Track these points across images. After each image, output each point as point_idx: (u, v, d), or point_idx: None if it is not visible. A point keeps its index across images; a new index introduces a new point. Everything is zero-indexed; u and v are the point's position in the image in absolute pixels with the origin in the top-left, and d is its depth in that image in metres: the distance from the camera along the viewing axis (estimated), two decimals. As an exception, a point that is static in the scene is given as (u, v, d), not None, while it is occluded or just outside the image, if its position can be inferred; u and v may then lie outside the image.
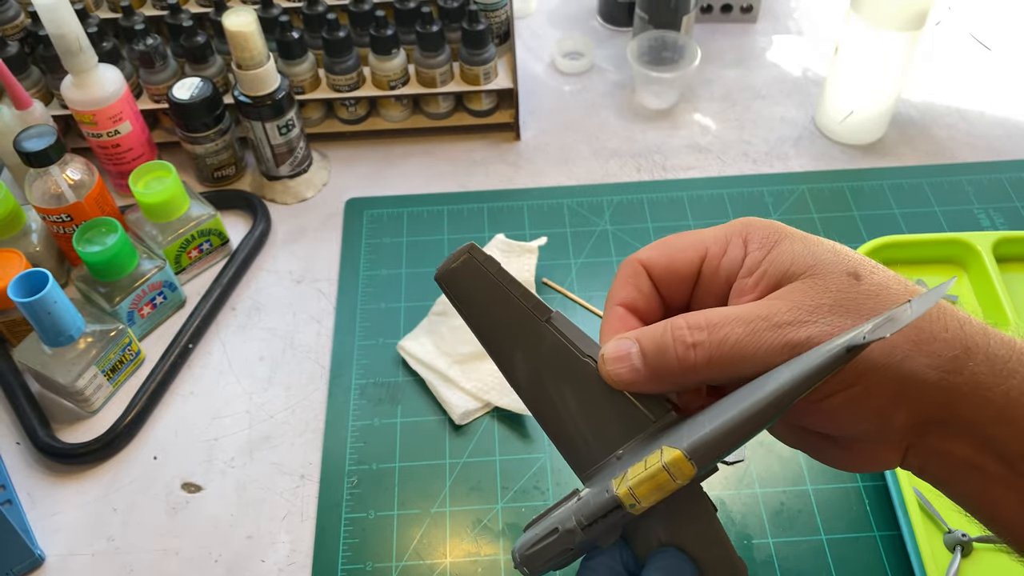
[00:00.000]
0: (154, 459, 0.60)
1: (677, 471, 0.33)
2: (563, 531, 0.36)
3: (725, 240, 0.37)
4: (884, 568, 0.52)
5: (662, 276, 0.38)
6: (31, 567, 0.55)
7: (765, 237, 0.36)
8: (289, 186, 0.76)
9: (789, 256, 0.34)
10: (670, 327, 0.34)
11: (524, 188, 0.77)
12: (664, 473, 0.34)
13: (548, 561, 0.37)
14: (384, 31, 0.75)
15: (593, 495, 0.36)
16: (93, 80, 0.67)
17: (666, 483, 0.34)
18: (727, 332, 0.33)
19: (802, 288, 0.33)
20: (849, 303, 0.32)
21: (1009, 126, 0.81)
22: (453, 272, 0.40)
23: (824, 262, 0.34)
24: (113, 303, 0.63)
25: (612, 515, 0.35)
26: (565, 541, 0.36)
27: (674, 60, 0.83)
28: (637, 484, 0.34)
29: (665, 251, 0.38)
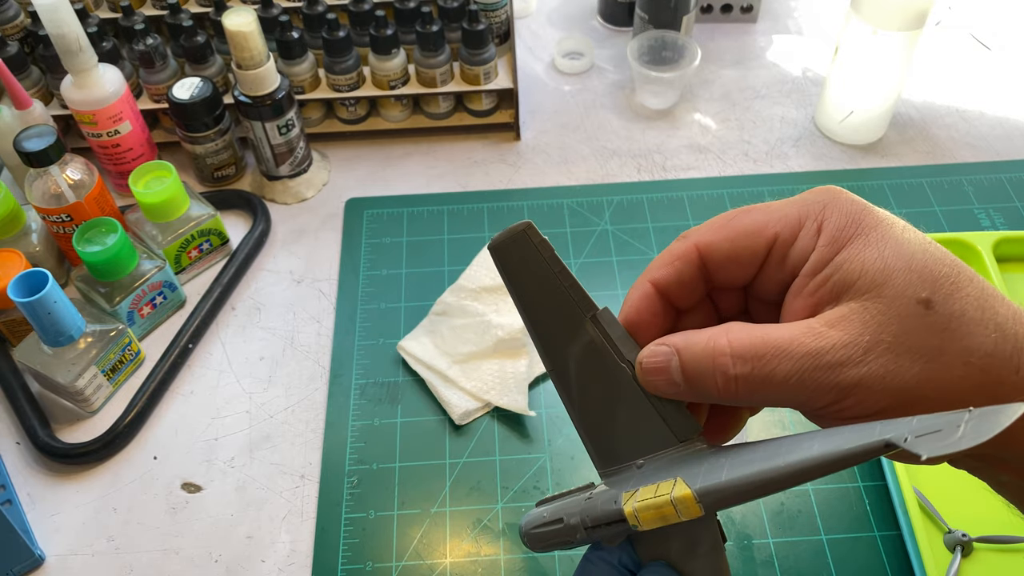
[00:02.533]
0: (154, 459, 0.60)
1: (683, 508, 0.32)
2: (567, 525, 0.37)
3: (798, 223, 0.32)
4: (884, 568, 0.52)
5: (722, 264, 0.33)
6: (31, 567, 0.55)
7: (842, 228, 0.31)
8: (289, 186, 0.76)
9: (859, 264, 0.30)
10: (714, 352, 0.30)
11: (524, 188, 0.77)
12: (670, 507, 0.33)
13: (550, 545, 0.38)
14: (384, 31, 0.75)
15: (603, 499, 0.36)
16: (93, 80, 0.67)
17: (670, 515, 0.33)
18: (773, 368, 0.29)
19: (862, 314, 0.29)
20: (913, 340, 0.28)
21: (1009, 126, 0.81)
22: (506, 245, 0.38)
23: (894, 280, 0.29)
24: (113, 303, 0.63)
25: (616, 526, 0.35)
26: (568, 534, 0.37)
27: (674, 60, 0.83)
28: (643, 508, 0.33)
29: (728, 235, 0.33)
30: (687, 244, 0.33)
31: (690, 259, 0.33)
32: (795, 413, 0.37)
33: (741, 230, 0.32)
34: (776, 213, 0.32)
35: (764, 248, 0.32)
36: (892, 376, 0.28)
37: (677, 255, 0.33)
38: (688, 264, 0.33)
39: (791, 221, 0.32)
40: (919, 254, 0.29)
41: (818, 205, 0.31)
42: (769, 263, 0.32)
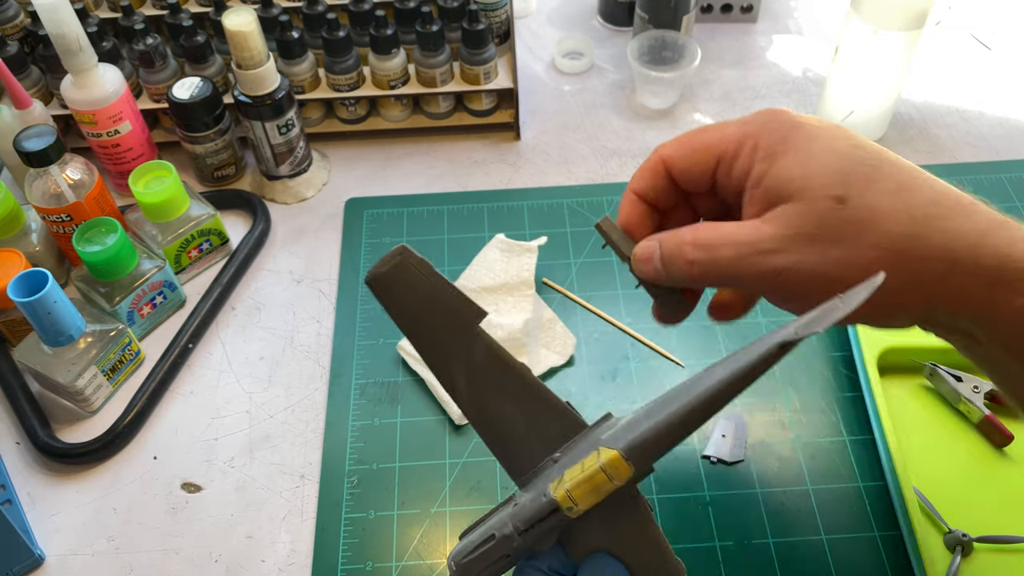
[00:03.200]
0: (154, 459, 0.60)
1: (614, 472, 0.33)
2: (500, 537, 0.36)
3: (738, 144, 0.38)
4: (884, 568, 0.52)
5: (680, 174, 0.40)
6: (31, 567, 0.55)
7: (772, 145, 0.37)
8: (289, 186, 0.76)
9: (786, 174, 0.36)
10: (680, 242, 0.38)
11: (524, 188, 0.77)
12: (601, 474, 0.33)
13: (485, 569, 0.37)
14: (384, 31, 0.75)
15: (530, 500, 0.36)
16: (93, 80, 0.67)
17: (603, 484, 0.34)
18: (719, 255, 0.36)
19: (787, 212, 0.35)
20: (829, 231, 0.34)
21: (1009, 126, 0.81)
22: (387, 274, 0.38)
23: (812, 183, 0.35)
24: (113, 303, 0.63)
25: (550, 519, 0.35)
26: (502, 548, 0.36)
27: (674, 60, 0.83)
28: (574, 486, 0.34)
29: (685, 152, 0.40)
30: (656, 158, 0.41)
31: (658, 170, 0.41)
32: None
33: (695, 146, 0.40)
34: (723, 132, 0.39)
35: (712, 162, 0.39)
36: (813, 262, 0.34)
37: (649, 167, 0.41)
38: (657, 175, 0.41)
39: (733, 140, 0.38)
40: (837, 159, 0.35)
41: (756, 125, 0.38)
42: (719, 175, 0.39)
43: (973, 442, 0.57)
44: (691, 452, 0.58)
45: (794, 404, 0.61)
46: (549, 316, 0.66)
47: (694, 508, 0.55)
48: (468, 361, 0.38)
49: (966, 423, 0.58)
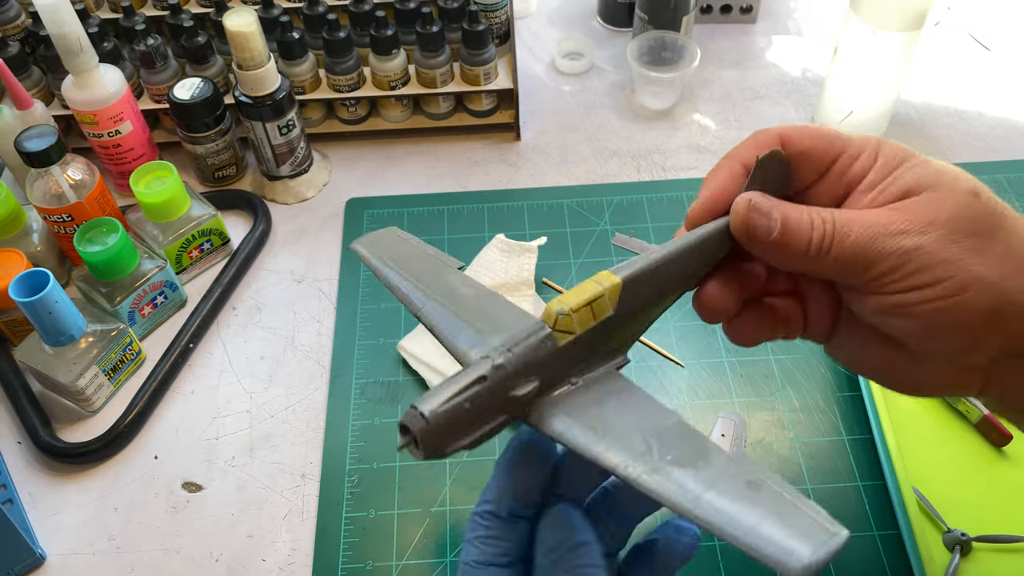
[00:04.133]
0: (155, 458, 0.60)
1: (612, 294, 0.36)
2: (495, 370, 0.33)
3: (861, 146, 0.38)
4: (883, 567, 0.52)
5: (800, 153, 0.39)
6: (32, 566, 0.55)
7: (893, 156, 0.37)
8: (290, 186, 0.77)
9: (913, 175, 0.36)
10: (809, 210, 0.36)
11: (524, 188, 0.77)
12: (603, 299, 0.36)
13: (463, 427, 0.33)
14: (384, 31, 0.75)
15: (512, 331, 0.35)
16: (94, 80, 0.68)
17: (600, 308, 0.36)
18: (849, 230, 0.35)
19: (921, 202, 0.35)
20: (967, 218, 0.34)
21: (1008, 126, 0.81)
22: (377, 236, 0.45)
23: (946, 180, 0.35)
24: (114, 303, 0.64)
25: (535, 337, 0.35)
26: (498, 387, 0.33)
27: (674, 60, 0.83)
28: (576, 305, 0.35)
29: (808, 135, 0.39)
30: (771, 133, 0.39)
31: (775, 145, 0.39)
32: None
33: (820, 134, 0.39)
34: (847, 135, 0.39)
35: (834, 154, 0.38)
36: (947, 247, 0.34)
37: (763, 140, 0.39)
38: (769, 148, 0.38)
39: (855, 144, 0.38)
40: (958, 170, 0.36)
41: (874, 140, 0.38)
42: (833, 171, 0.38)
43: (972, 441, 0.57)
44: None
45: (793, 403, 0.61)
46: (549, 316, 0.66)
47: (694, 507, 0.56)
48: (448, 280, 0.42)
49: (965, 422, 0.58)
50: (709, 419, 0.60)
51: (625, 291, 0.36)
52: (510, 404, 0.34)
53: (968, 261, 0.34)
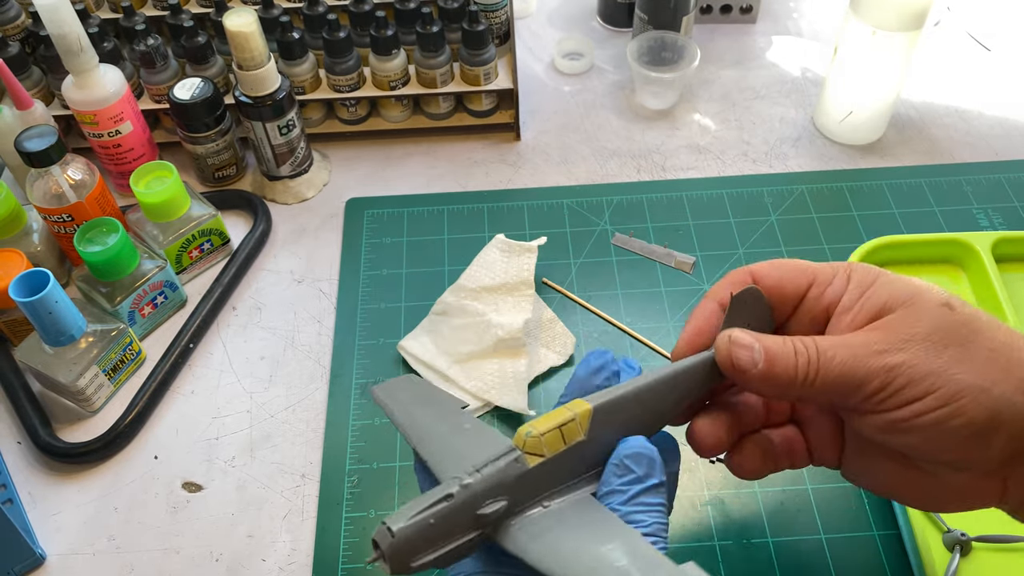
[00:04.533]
0: (155, 458, 0.60)
1: (582, 419, 0.37)
2: (460, 488, 0.35)
3: (832, 272, 0.40)
4: (883, 567, 0.53)
5: (771, 288, 0.41)
6: (32, 566, 0.55)
7: (865, 276, 0.39)
8: (290, 186, 0.77)
9: (886, 291, 0.38)
10: (791, 341, 0.38)
11: (524, 188, 0.77)
12: (573, 421, 0.37)
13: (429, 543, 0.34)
14: (384, 31, 0.75)
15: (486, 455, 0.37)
16: (94, 80, 0.68)
17: (570, 432, 0.37)
18: (833, 353, 0.36)
19: (898, 319, 0.37)
20: (944, 330, 0.36)
21: (1008, 126, 0.81)
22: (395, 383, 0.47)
23: (919, 295, 0.37)
24: (114, 303, 0.64)
25: (504, 459, 0.36)
26: (463, 511, 0.35)
27: (674, 60, 0.83)
28: (545, 429, 0.37)
29: (776, 270, 0.41)
30: (743, 271, 0.42)
31: (746, 282, 0.41)
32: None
33: (788, 267, 0.41)
34: (815, 263, 0.41)
35: (806, 284, 0.41)
36: (931, 359, 0.35)
37: (736, 280, 0.42)
38: (743, 286, 0.41)
39: (826, 270, 0.40)
40: (928, 284, 0.38)
41: (843, 265, 0.40)
42: (808, 300, 0.41)
43: (972, 441, 0.57)
44: (691, 452, 0.58)
45: (793, 404, 0.61)
46: (549, 316, 0.66)
47: (693, 508, 0.56)
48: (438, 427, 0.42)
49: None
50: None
51: (596, 417, 0.38)
52: (477, 522, 0.35)
53: (954, 371, 0.35)
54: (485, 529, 0.36)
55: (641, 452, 0.38)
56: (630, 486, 0.37)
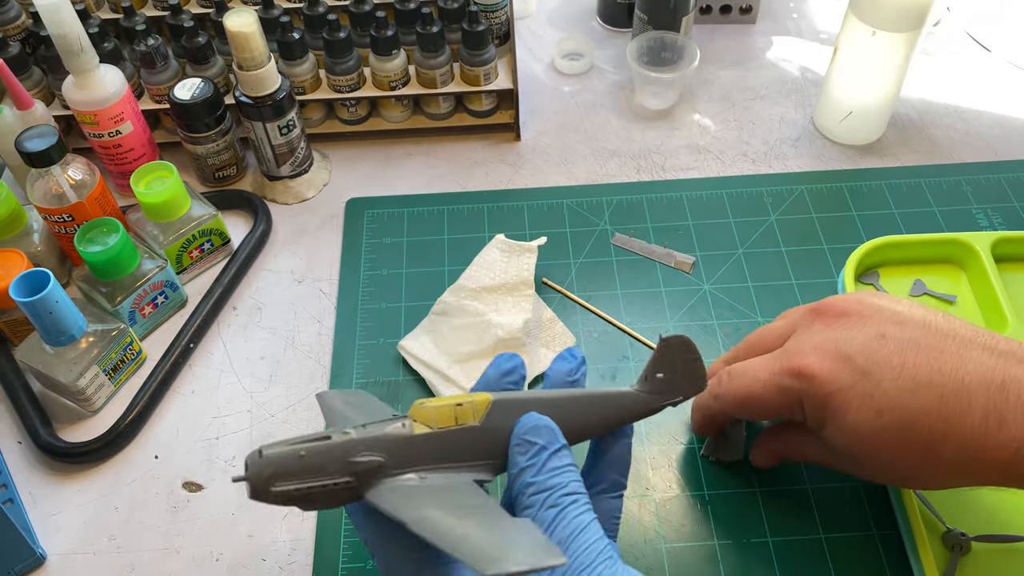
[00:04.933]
0: (155, 458, 0.61)
1: (478, 406, 0.38)
2: (340, 433, 0.37)
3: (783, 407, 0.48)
4: (883, 567, 0.53)
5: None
6: (32, 566, 0.55)
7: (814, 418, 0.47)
8: (290, 186, 0.77)
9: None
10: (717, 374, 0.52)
11: (524, 188, 0.77)
12: (468, 404, 0.38)
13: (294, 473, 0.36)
14: (384, 32, 0.75)
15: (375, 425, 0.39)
16: (94, 80, 0.68)
17: (463, 412, 0.38)
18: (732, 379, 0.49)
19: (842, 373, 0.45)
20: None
21: (1007, 126, 0.81)
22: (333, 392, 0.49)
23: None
24: (114, 303, 0.64)
25: (389, 423, 0.38)
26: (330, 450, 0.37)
27: (673, 61, 0.83)
28: (437, 403, 0.38)
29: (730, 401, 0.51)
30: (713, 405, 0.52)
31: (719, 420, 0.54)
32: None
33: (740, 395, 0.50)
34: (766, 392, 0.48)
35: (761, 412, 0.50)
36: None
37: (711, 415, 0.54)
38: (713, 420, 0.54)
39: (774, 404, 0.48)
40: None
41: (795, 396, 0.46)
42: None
43: (971, 441, 0.57)
44: (690, 452, 0.58)
45: (793, 403, 0.61)
46: (549, 316, 0.66)
47: (693, 507, 0.56)
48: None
49: (964, 422, 0.58)
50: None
51: (494, 409, 0.39)
52: (349, 469, 0.37)
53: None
54: (356, 479, 0.37)
55: (537, 425, 0.40)
56: (536, 457, 0.39)
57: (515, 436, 0.40)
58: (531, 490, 0.38)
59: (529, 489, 0.38)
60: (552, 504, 0.37)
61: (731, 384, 0.49)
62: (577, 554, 0.36)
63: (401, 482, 0.37)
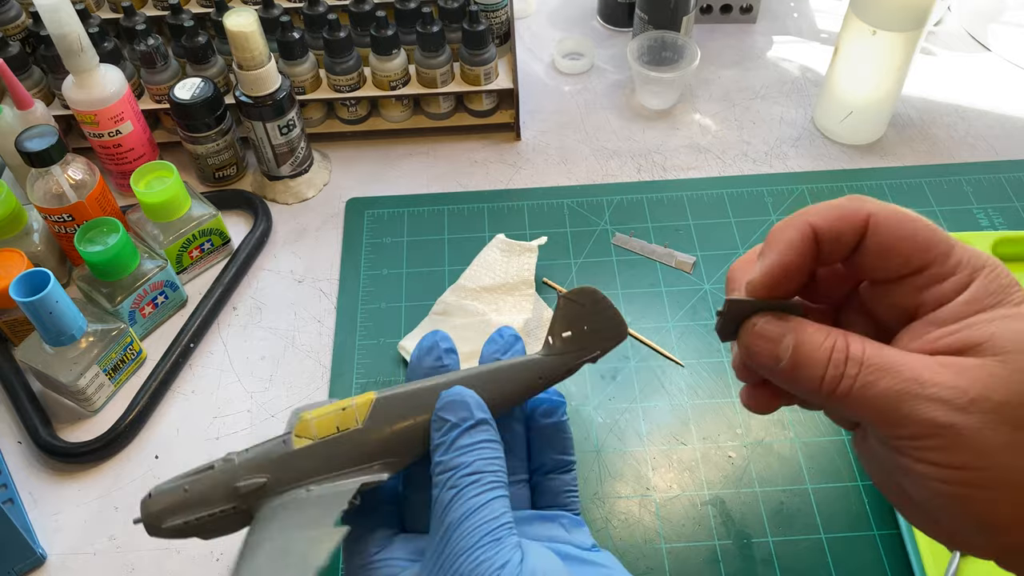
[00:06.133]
0: (155, 458, 0.60)
1: (360, 408, 0.37)
2: (222, 462, 0.38)
3: (957, 265, 0.31)
4: (883, 567, 0.53)
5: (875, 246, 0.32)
6: (33, 566, 0.55)
7: (987, 294, 0.30)
8: (290, 186, 0.77)
9: (991, 329, 0.29)
10: (833, 347, 0.30)
11: (524, 188, 0.77)
12: (350, 409, 0.37)
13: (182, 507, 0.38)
14: (385, 31, 0.75)
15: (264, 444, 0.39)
16: (94, 80, 0.68)
17: (345, 418, 0.37)
18: (877, 379, 0.29)
19: (978, 370, 0.29)
20: (1017, 408, 0.28)
21: (1008, 125, 0.81)
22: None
23: (1019, 352, 0.29)
24: (115, 303, 0.64)
25: (272, 442, 0.38)
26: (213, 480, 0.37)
27: (674, 60, 0.83)
28: (320, 415, 0.37)
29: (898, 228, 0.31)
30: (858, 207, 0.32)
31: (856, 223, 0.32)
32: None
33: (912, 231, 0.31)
34: (945, 242, 0.31)
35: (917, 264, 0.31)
36: (984, 433, 0.28)
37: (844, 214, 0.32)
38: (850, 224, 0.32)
39: (950, 259, 0.31)
40: None
41: (978, 262, 0.31)
42: (906, 283, 0.32)
43: (972, 441, 0.57)
44: (691, 452, 0.58)
45: (793, 403, 0.61)
46: (549, 316, 0.66)
47: (693, 508, 0.56)
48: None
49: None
50: (709, 418, 0.60)
51: (377, 407, 0.38)
52: (234, 495, 0.37)
53: (1007, 459, 0.28)
54: (242, 503, 0.37)
55: (453, 400, 0.38)
56: (447, 434, 0.37)
57: (433, 413, 0.38)
58: (438, 469, 0.36)
59: (437, 468, 0.36)
60: (452, 485, 0.35)
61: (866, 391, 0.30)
62: (458, 539, 0.34)
63: (287, 498, 0.37)
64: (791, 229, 0.32)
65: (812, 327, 0.31)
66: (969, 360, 0.29)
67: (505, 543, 0.34)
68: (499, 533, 0.34)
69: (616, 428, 0.60)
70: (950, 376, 0.29)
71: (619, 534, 0.55)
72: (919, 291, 0.31)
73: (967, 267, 0.31)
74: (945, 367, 0.29)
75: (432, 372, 0.41)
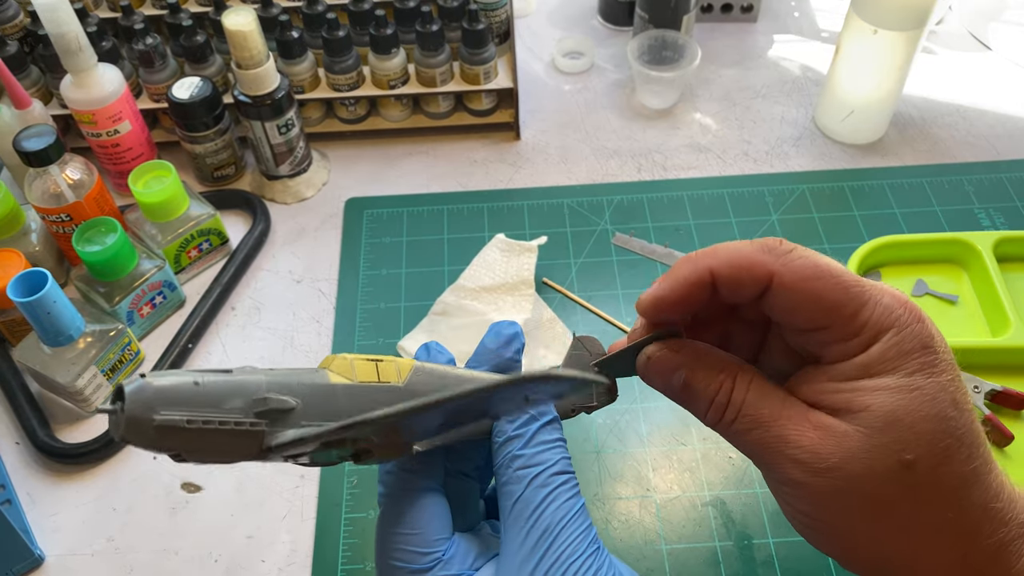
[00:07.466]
0: (154, 459, 0.60)
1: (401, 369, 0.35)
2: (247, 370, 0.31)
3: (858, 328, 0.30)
4: (884, 568, 0.52)
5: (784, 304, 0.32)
6: (31, 567, 0.55)
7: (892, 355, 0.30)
8: (289, 186, 0.76)
9: (873, 400, 0.30)
10: (718, 391, 0.32)
11: (524, 188, 0.77)
12: (391, 361, 0.34)
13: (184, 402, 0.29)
14: (384, 30, 0.75)
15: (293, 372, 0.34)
16: (92, 79, 0.67)
17: (386, 368, 0.34)
18: (749, 428, 0.31)
19: (847, 440, 0.29)
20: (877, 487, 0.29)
21: (1009, 125, 0.81)
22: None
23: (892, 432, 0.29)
24: (113, 303, 0.63)
25: (302, 371, 0.33)
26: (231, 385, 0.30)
27: (674, 60, 0.82)
28: (356, 358, 0.34)
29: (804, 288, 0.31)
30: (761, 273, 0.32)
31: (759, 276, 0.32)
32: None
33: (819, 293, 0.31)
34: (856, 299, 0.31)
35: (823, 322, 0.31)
36: (832, 496, 0.30)
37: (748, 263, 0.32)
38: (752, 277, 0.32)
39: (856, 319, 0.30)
40: (932, 417, 0.29)
41: (886, 320, 0.30)
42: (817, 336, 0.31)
43: (973, 442, 0.57)
44: (691, 453, 0.58)
45: (794, 404, 0.60)
46: (549, 316, 0.66)
47: (693, 508, 0.55)
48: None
49: (966, 423, 0.58)
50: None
51: (417, 375, 0.35)
52: (254, 408, 0.31)
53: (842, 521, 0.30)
54: (260, 423, 0.31)
55: None
56: (525, 427, 0.35)
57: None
58: (517, 464, 0.35)
59: (516, 463, 0.35)
60: (542, 484, 0.34)
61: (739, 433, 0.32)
62: (562, 544, 0.33)
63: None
64: (690, 267, 0.32)
65: (705, 363, 0.33)
66: (841, 426, 0.30)
67: (603, 552, 0.34)
68: (597, 542, 0.34)
69: (616, 429, 0.60)
70: (815, 439, 0.30)
71: (619, 535, 0.54)
72: (822, 344, 0.32)
73: (872, 328, 0.30)
74: (816, 429, 0.30)
75: (503, 365, 0.39)
